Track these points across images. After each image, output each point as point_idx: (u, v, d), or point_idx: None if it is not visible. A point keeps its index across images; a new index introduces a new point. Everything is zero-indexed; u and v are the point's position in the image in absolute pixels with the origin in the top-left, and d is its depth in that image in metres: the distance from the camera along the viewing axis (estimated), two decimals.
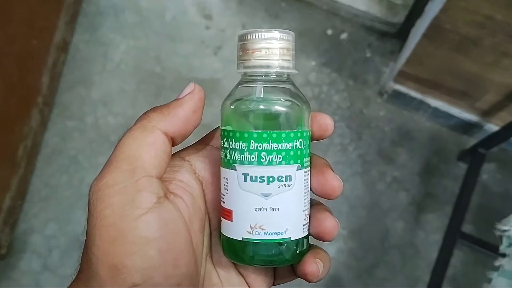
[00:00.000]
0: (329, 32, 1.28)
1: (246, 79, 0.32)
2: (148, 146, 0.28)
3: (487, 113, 1.16)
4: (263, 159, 0.30)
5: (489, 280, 0.78)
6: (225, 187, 0.31)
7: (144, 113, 0.31)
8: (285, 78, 0.32)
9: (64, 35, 1.19)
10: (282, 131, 0.30)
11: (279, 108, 0.31)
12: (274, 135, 0.30)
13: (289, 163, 0.30)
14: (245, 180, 0.30)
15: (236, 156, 0.30)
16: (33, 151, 1.13)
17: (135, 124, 0.30)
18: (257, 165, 0.30)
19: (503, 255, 0.77)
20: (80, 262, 0.27)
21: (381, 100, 1.24)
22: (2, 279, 1.09)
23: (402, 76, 1.16)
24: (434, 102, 1.19)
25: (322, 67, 1.24)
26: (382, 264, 1.13)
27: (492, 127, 1.17)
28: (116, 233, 0.26)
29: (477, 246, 1.04)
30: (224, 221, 0.31)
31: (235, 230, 0.30)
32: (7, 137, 1.06)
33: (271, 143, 0.30)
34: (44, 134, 1.17)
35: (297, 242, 0.31)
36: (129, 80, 1.24)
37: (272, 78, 0.31)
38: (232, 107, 0.32)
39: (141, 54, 1.26)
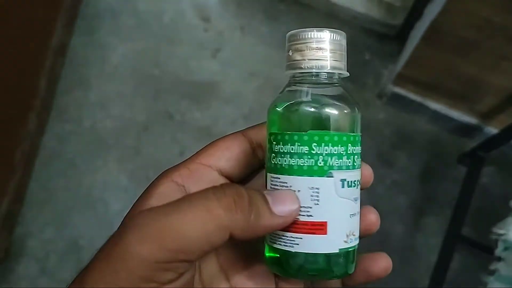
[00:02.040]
0: None
1: (295, 81, 0.30)
2: (208, 246, 0.25)
3: (487, 116, 1.16)
4: (356, 162, 0.29)
5: (485, 284, 0.78)
6: (315, 198, 0.28)
7: (228, 198, 0.26)
8: (336, 80, 0.30)
9: (62, 38, 1.18)
10: (358, 133, 0.30)
11: (350, 111, 0.29)
12: (357, 138, 0.29)
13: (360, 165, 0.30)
14: (342, 186, 0.28)
15: (334, 161, 0.28)
16: (31, 155, 1.12)
17: (211, 203, 0.26)
18: (352, 169, 0.29)
19: (499, 259, 0.77)
20: None
21: (380, 103, 1.24)
22: (0, 283, 1.08)
23: (401, 79, 1.16)
24: (434, 105, 1.18)
25: None
26: None
27: (492, 130, 1.17)
28: None
29: (477, 249, 1.03)
30: (310, 237, 0.28)
31: (331, 243, 0.28)
32: (5, 140, 1.05)
33: (358, 146, 0.29)
34: (41, 138, 1.16)
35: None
36: (127, 83, 1.23)
37: (323, 80, 0.30)
38: (307, 109, 0.29)
39: (139, 57, 1.25)
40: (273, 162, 0.29)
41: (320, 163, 0.28)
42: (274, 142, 0.29)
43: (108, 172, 1.16)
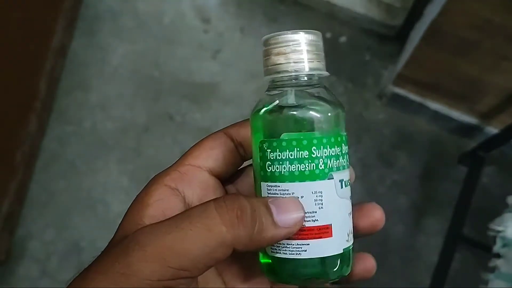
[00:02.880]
0: (328, 35, 1.28)
1: (275, 85, 0.30)
2: (210, 260, 0.25)
3: (487, 116, 1.16)
4: (347, 161, 0.29)
5: (486, 282, 0.78)
6: (319, 202, 0.27)
7: (230, 213, 0.26)
8: (316, 81, 0.30)
9: (62, 39, 1.18)
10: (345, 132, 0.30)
11: (337, 111, 0.29)
12: (346, 137, 0.29)
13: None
14: (341, 186, 0.28)
15: (333, 163, 0.28)
16: (31, 156, 1.12)
17: (213, 220, 0.25)
18: (347, 168, 0.29)
19: (498, 256, 0.77)
20: None
21: (380, 103, 1.24)
22: (1, 285, 1.08)
23: (401, 79, 1.16)
24: (434, 105, 1.18)
25: None
26: (382, 267, 1.12)
27: (492, 130, 1.17)
28: None
29: (478, 249, 1.03)
30: (317, 242, 0.28)
31: (335, 244, 0.28)
32: (5, 142, 1.05)
33: (347, 145, 0.29)
34: (42, 139, 1.16)
35: None
36: (127, 85, 1.23)
37: (303, 82, 0.29)
38: (292, 112, 0.29)
39: (139, 58, 1.25)
40: (269, 170, 0.28)
41: (321, 166, 0.27)
42: (269, 150, 0.28)
43: (109, 173, 1.16)
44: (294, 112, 0.28)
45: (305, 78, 0.29)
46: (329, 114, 0.29)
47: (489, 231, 0.76)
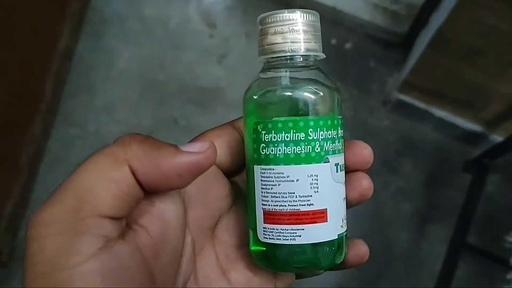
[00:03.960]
0: (333, 41, 1.28)
1: (270, 66, 0.29)
2: (110, 183, 0.22)
3: (492, 124, 1.15)
4: (342, 145, 0.28)
5: None
6: (315, 185, 0.27)
7: (123, 137, 0.24)
8: (312, 62, 0.29)
9: (68, 42, 1.19)
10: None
11: (333, 93, 0.28)
12: (342, 121, 0.29)
13: None
14: (336, 171, 0.27)
15: (329, 146, 0.27)
16: (36, 158, 1.12)
17: (107, 147, 0.24)
18: (342, 152, 0.28)
19: None
20: None
21: (385, 110, 1.23)
22: (3, 287, 1.08)
23: (407, 86, 1.15)
24: (439, 112, 1.18)
25: None
26: (386, 275, 1.12)
27: (497, 137, 1.17)
28: (47, 286, 0.20)
29: (482, 257, 1.03)
30: (312, 227, 0.27)
31: (330, 229, 0.27)
32: (10, 143, 1.05)
33: (343, 128, 0.28)
34: (46, 141, 1.16)
35: None
36: (132, 88, 1.23)
37: (299, 63, 0.28)
38: (288, 94, 0.28)
39: (145, 62, 1.26)
40: (263, 152, 0.27)
41: (317, 149, 0.27)
42: (264, 131, 0.27)
43: None
44: (289, 93, 0.27)
45: (301, 59, 0.28)
46: (325, 96, 0.28)
47: (504, 243, 0.76)
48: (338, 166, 0.27)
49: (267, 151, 0.27)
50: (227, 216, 0.30)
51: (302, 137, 0.26)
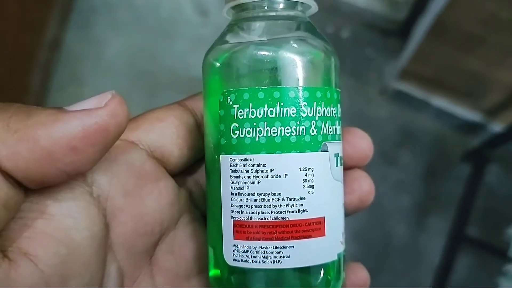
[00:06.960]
0: (330, 30, 1.26)
1: (239, 19, 0.20)
2: None
3: (492, 113, 1.15)
4: (341, 131, 0.21)
5: (496, 285, 0.77)
6: (309, 183, 0.19)
7: None
8: (299, 15, 0.21)
9: (56, 32, 1.17)
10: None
11: (329, 56, 0.20)
12: (340, 96, 0.20)
13: None
14: (336, 164, 0.20)
15: (327, 128, 0.19)
16: None
17: None
18: (341, 140, 0.20)
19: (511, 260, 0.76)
20: None
21: (383, 100, 1.22)
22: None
23: (405, 75, 1.15)
24: (438, 101, 1.17)
25: None
26: (384, 268, 1.11)
27: (497, 127, 1.16)
28: None
29: (482, 249, 1.03)
30: (305, 243, 0.19)
31: (329, 247, 0.20)
32: None
33: (341, 107, 0.20)
34: None
35: None
36: (123, 79, 1.21)
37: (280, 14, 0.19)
38: (265, 53, 0.19)
39: (136, 52, 1.23)
40: (235, 135, 0.19)
41: (313, 132, 0.19)
42: (237, 105, 0.18)
43: None
44: (272, 53, 0.19)
45: (282, 6, 0.20)
46: (321, 59, 0.20)
47: (503, 235, 0.75)
48: (338, 158, 0.20)
49: (241, 133, 0.19)
50: (173, 233, 0.21)
51: (293, 113, 0.18)
